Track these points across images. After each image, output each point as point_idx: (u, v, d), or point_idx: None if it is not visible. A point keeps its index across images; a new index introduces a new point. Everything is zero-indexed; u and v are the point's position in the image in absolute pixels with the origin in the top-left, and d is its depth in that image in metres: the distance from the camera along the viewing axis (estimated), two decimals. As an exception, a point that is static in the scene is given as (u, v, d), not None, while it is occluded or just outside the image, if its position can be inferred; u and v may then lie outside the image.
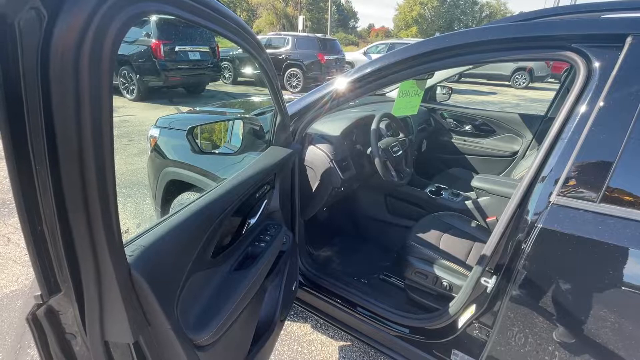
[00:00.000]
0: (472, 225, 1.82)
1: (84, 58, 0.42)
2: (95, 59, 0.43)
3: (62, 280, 0.54)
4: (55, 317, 0.60)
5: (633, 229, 0.84)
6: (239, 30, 0.85)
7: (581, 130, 0.93)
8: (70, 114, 0.43)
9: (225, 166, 1.68)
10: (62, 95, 0.41)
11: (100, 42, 0.43)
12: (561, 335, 0.96)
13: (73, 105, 0.42)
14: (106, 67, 0.44)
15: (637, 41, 0.90)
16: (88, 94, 0.43)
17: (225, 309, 0.87)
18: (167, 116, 2.23)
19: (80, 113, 0.43)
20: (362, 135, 1.96)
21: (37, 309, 0.57)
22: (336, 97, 1.40)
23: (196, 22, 0.66)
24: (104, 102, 0.45)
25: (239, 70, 10.90)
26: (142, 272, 0.64)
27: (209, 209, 0.89)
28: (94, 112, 0.44)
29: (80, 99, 0.42)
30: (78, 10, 0.41)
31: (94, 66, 0.43)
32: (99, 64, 0.43)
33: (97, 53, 0.43)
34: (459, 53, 1.17)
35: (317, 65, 9.81)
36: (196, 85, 8.79)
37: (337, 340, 1.87)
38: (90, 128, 0.44)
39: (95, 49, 0.42)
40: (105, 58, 0.44)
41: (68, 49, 0.41)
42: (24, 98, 0.40)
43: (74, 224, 0.50)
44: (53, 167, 0.45)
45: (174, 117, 2.25)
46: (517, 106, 9.08)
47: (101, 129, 0.46)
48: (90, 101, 0.43)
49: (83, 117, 0.43)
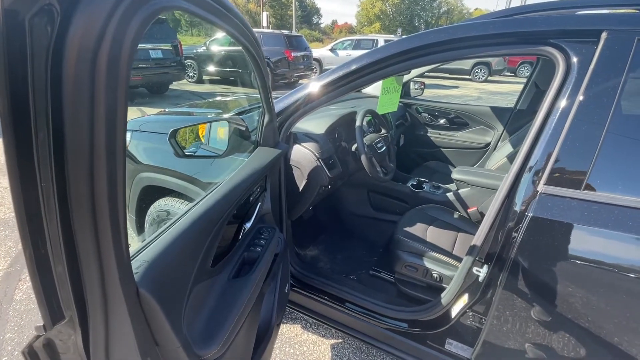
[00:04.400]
0: (455, 216, 1.88)
1: (101, 60, 0.37)
2: (113, 62, 0.38)
3: (66, 306, 0.49)
4: (53, 347, 0.54)
5: (616, 213, 0.90)
6: (240, 26, 0.81)
7: (563, 122, 0.98)
8: (83, 124, 0.38)
9: (210, 169, 1.61)
10: (76, 103, 0.36)
11: (119, 42, 0.39)
12: (555, 319, 1.01)
13: (87, 114, 0.37)
14: (124, 71, 0.39)
15: (611, 36, 0.96)
16: (104, 102, 0.38)
17: (229, 321, 0.84)
18: (136, 119, 2.11)
19: (94, 123, 0.38)
20: (345, 133, 1.96)
21: (35, 341, 0.51)
22: (321, 95, 1.38)
23: (206, 18, 0.62)
24: (120, 111, 0.40)
25: (203, 68, 10.55)
26: (150, 290, 0.59)
27: (207, 217, 0.85)
28: (109, 122, 0.39)
29: (95, 107, 0.38)
30: (96, 8, 0.37)
31: (112, 70, 0.38)
32: (117, 67, 0.38)
33: (116, 55, 0.38)
34: (443, 49, 1.19)
35: (284, 63, 9.70)
36: (159, 85, 8.41)
37: (328, 339, 1.87)
38: (104, 139, 0.40)
39: (114, 51, 0.38)
40: (123, 60, 0.39)
41: (85, 51, 0.36)
42: (31, 105, 0.35)
43: (81, 244, 0.45)
44: (60, 181, 0.40)
45: (144, 119, 2.14)
46: (479, 99, 9.49)
47: (115, 139, 0.41)
48: (106, 110, 0.38)
49: (97, 127, 0.38)
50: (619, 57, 0.94)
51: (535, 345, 1.08)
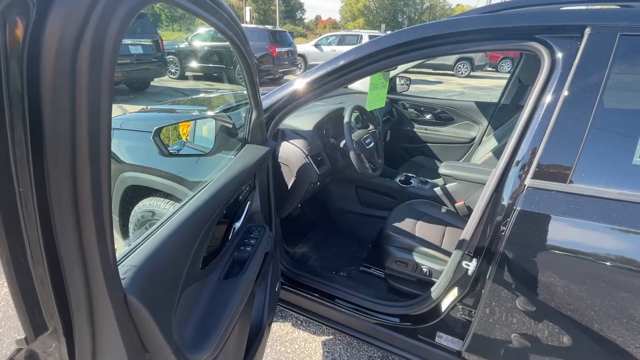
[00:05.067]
0: (443, 210, 1.90)
1: (82, 57, 0.34)
2: (96, 58, 0.35)
3: (49, 316, 0.46)
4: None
5: (600, 206, 0.92)
6: (229, 20, 0.79)
7: (549, 117, 0.99)
8: (64, 125, 0.35)
9: (196, 168, 1.57)
10: (55, 103, 0.34)
11: (102, 36, 0.36)
12: (541, 309, 1.04)
13: (68, 114, 0.35)
14: (108, 68, 0.36)
15: (594, 32, 0.98)
16: (87, 101, 0.35)
17: (221, 323, 0.82)
18: (117, 117, 2.05)
19: (76, 123, 0.35)
20: (333, 129, 1.95)
21: (16, 354, 0.48)
22: (309, 91, 1.37)
23: (194, 12, 0.60)
24: (104, 111, 0.38)
25: (186, 64, 10.33)
26: (138, 295, 0.57)
27: (196, 218, 0.82)
28: (92, 123, 0.36)
29: (77, 107, 0.35)
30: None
31: (94, 67, 0.35)
32: (100, 63, 0.35)
33: (99, 50, 0.35)
34: (432, 45, 1.20)
35: (269, 58, 9.59)
36: (140, 82, 8.19)
37: (319, 336, 1.87)
38: (87, 141, 0.37)
39: (96, 45, 0.35)
40: (106, 56, 0.36)
41: (64, 46, 0.33)
42: (6, 104, 0.32)
43: (63, 249, 0.43)
44: (39, 183, 0.37)
45: (126, 117, 2.07)
46: (462, 94, 9.63)
47: (99, 141, 0.38)
48: (88, 110, 0.36)
49: (79, 127, 0.36)
50: (602, 52, 0.95)
51: (522, 335, 1.10)
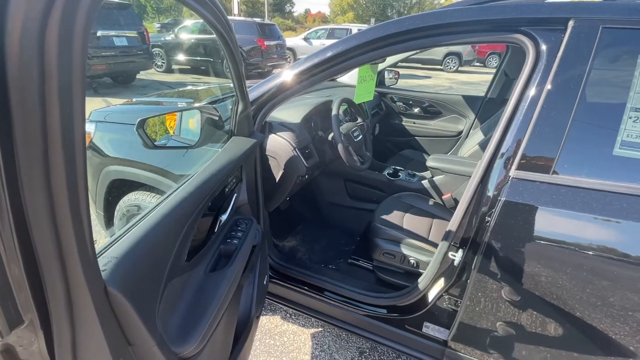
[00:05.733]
0: (430, 203, 1.92)
1: (51, 31, 0.32)
2: (67, 33, 0.33)
3: (25, 309, 0.45)
4: (13, 354, 0.50)
5: (582, 196, 0.94)
6: (214, 9, 0.77)
7: (533, 109, 1.01)
8: (34, 109, 0.33)
9: (182, 161, 1.55)
10: (23, 85, 0.32)
11: (73, 8, 0.33)
12: (527, 298, 1.06)
13: (38, 97, 0.33)
14: (79, 44, 0.34)
15: (578, 24, 0.99)
16: (57, 81, 0.33)
17: (207, 316, 0.81)
18: (101, 109, 2.00)
19: (47, 107, 0.33)
20: (321, 122, 1.94)
21: (-10, 348, 0.46)
22: (297, 83, 1.35)
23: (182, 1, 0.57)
24: (76, 91, 0.36)
25: (172, 57, 10.14)
26: (119, 287, 0.55)
27: (180, 209, 0.81)
28: (64, 105, 0.35)
29: (47, 88, 0.33)
30: None
31: (65, 43, 0.33)
32: (70, 39, 0.33)
33: (69, 24, 0.33)
34: (418, 36, 1.19)
35: (257, 52, 9.48)
36: (125, 75, 8.01)
37: (308, 328, 1.88)
38: (59, 123, 0.35)
39: (67, 19, 0.33)
40: (78, 31, 0.34)
41: (31, 19, 0.31)
42: None
43: (37, 240, 0.41)
44: (9, 171, 0.36)
45: (109, 109, 2.02)
46: (450, 89, 9.70)
47: (73, 122, 0.36)
48: (60, 91, 0.34)
49: (51, 111, 0.34)
50: (584, 44, 0.97)
51: (507, 324, 1.13)
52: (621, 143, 0.92)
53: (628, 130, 0.92)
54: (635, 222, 0.89)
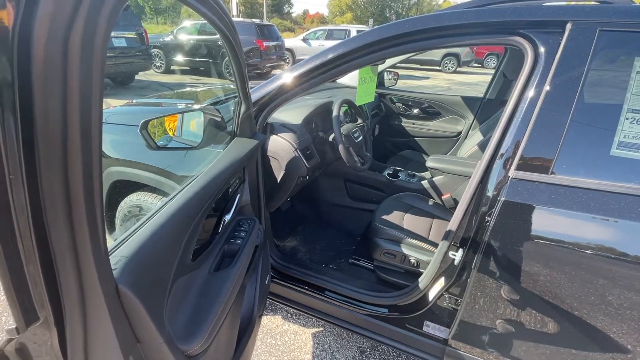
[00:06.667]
0: (430, 203, 1.94)
1: (74, 45, 0.33)
2: (88, 46, 0.34)
3: (40, 306, 0.46)
4: (26, 352, 0.51)
5: (580, 196, 0.96)
6: (218, 10, 0.78)
7: (532, 110, 1.02)
8: (56, 116, 0.34)
9: (185, 162, 1.56)
10: (47, 95, 0.33)
11: (93, 23, 0.35)
12: (527, 296, 1.07)
13: (60, 106, 0.34)
14: (99, 56, 0.36)
15: (575, 27, 1.01)
16: (78, 92, 0.35)
17: (212, 314, 0.82)
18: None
19: (67, 115, 0.35)
20: (322, 123, 1.96)
21: (6, 345, 0.48)
22: (298, 85, 1.37)
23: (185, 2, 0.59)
24: (95, 100, 0.37)
25: (171, 58, 10.14)
26: (130, 286, 0.57)
27: (186, 210, 0.82)
28: (84, 113, 0.36)
29: (68, 97, 0.34)
30: None
31: (86, 56, 0.34)
32: (91, 52, 0.35)
33: (90, 38, 0.35)
34: (418, 39, 1.21)
35: (256, 52, 9.48)
36: (124, 76, 7.99)
37: (309, 328, 1.89)
38: (78, 130, 0.36)
39: (88, 33, 0.34)
40: (98, 45, 0.36)
41: (55, 34, 0.33)
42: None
43: (55, 239, 0.42)
44: (30, 174, 0.37)
45: (111, 111, 2.04)
46: (448, 89, 9.73)
47: (91, 129, 0.38)
48: (80, 100, 0.35)
49: (71, 119, 0.35)
50: (582, 47, 0.98)
51: (506, 322, 1.14)
52: (618, 144, 0.94)
53: (625, 131, 0.94)
54: (632, 222, 0.91)
